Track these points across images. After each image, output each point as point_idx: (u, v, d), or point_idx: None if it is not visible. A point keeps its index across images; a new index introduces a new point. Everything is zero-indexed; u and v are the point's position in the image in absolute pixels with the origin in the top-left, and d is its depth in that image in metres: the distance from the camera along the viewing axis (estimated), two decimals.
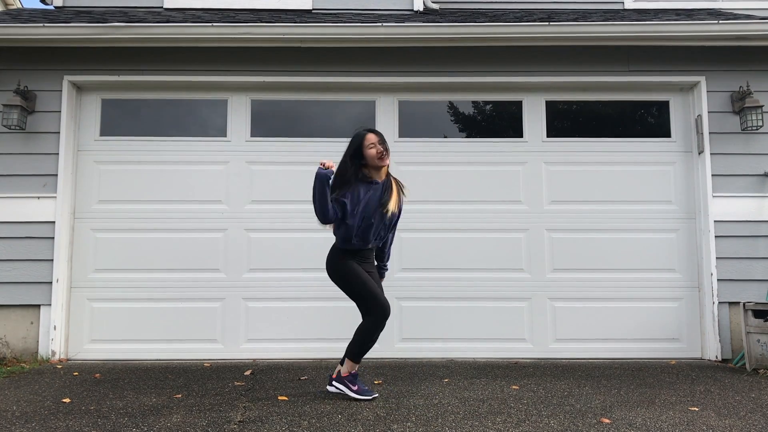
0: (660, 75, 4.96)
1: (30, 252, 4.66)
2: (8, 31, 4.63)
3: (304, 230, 4.86)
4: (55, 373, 4.10)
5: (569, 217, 4.92)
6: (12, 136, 4.76)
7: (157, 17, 5.11)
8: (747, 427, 2.76)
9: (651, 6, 5.97)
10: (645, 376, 4.00)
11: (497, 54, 4.94)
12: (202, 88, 5.00)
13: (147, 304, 4.78)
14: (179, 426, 2.73)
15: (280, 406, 3.08)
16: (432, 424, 2.74)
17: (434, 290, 4.79)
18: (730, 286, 4.71)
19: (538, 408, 3.07)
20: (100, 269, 4.81)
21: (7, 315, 4.65)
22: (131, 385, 3.67)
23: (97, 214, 4.87)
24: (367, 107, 5.07)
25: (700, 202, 4.85)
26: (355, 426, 2.71)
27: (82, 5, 5.64)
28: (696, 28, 4.72)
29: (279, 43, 4.78)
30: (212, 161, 4.95)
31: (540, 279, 4.87)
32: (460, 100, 5.13)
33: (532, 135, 5.03)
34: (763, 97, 4.76)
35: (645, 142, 5.02)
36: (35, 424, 2.79)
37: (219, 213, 4.89)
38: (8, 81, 4.75)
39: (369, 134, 3.30)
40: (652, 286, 4.85)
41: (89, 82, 4.93)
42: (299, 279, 4.83)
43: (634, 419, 2.86)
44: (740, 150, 4.83)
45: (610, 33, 4.72)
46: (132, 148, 4.94)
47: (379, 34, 4.72)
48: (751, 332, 4.24)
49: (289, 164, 4.95)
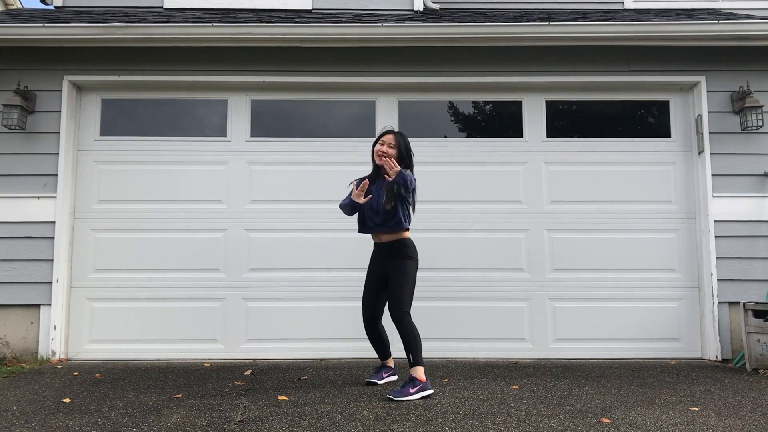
0: (660, 75, 4.96)
1: (30, 252, 4.66)
2: (8, 31, 4.63)
3: (304, 230, 4.87)
4: (55, 373, 4.10)
5: (569, 217, 4.92)
6: (12, 136, 4.76)
7: (157, 17, 5.11)
8: (747, 427, 2.76)
9: (651, 6, 5.98)
10: (645, 376, 4.00)
11: (497, 54, 4.94)
12: (202, 88, 5.00)
13: (147, 304, 4.78)
14: (179, 426, 2.73)
15: (280, 406, 3.08)
16: (432, 424, 2.74)
17: (434, 290, 4.78)
18: (730, 286, 4.71)
19: (538, 408, 3.07)
20: (100, 269, 4.81)
21: (7, 315, 4.65)
22: (131, 385, 3.67)
23: (97, 214, 4.87)
24: (367, 107, 5.07)
25: (700, 202, 4.85)
26: (355, 426, 2.71)
27: (82, 5, 5.65)
28: (696, 28, 4.72)
29: (279, 43, 4.78)
30: (212, 161, 4.95)
31: (540, 279, 4.87)
32: (460, 100, 5.13)
33: (532, 135, 5.03)
34: (763, 97, 4.76)
35: (645, 142, 5.02)
36: (35, 424, 2.79)
37: (219, 213, 4.89)
38: (8, 81, 4.75)
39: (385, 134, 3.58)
40: (652, 286, 4.85)
41: (89, 82, 4.93)
42: (299, 279, 4.83)
43: (634, 419, 2.86)
44: (740, 150, 4.83)
45: (610, 33, 4.72)
46: (132, 148, 4.94)
47: (379, 34, 4.72)
48: (751, 332, 4.25)
49: (289, 164, 4.96)
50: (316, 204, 4.89)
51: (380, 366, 3.73)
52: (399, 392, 3.21)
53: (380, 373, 3.68)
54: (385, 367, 3.72)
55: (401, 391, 3.21)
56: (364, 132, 4.97)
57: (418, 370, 3.28)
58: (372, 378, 3.65)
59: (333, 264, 4.83)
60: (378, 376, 3.65)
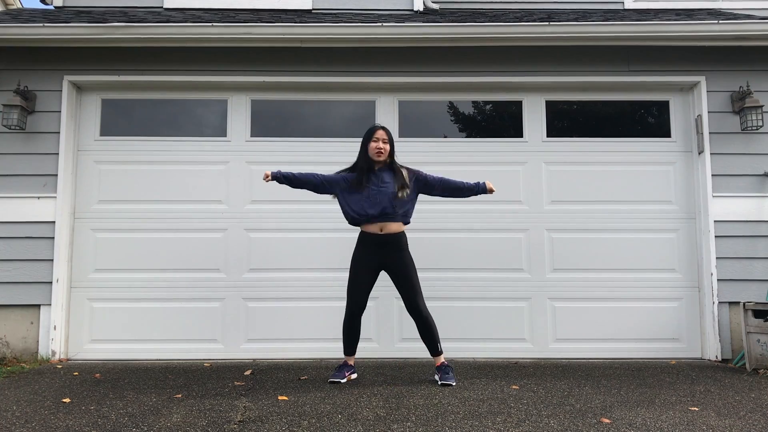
0: (660, 75, 4.96)
1: (30, 252, 4.66)
2: (8, 31, 4.63)
3: (304, 230, 4.87)
4: (55, 373, 4.10)
5: (569, 217, 4.92)
6: (12, 136, 4.76)
7: (157, 17, 5.11)
8: (747, 427, 2.76)
9: (651, 6, 5.98)
10: (645, 376, 4.00)
11: (497, 54, 4.94)
12: (202, 88, 5.00)
13: (147, 304, 4.78)
14: (179, 426, 2.73)
15: (280, 406, 3.08)
16: (432, 424, 2.74)
17: (434, 290, 4.77)
18: (730, 286, 4.71)
19: (538, 408, 3.07)
20: (100, 269, 4.81)
21: (7, 315, 4.65)
22: (131, 385, 3.67)
23: (97, 214, 4.87)
24: (367, 107, 5.07)
25: (700, 202, 4.85)
26: (355, 426, 2.71)
27: (82, 5, 5.65)
28: (696, 28, 4.72)
29: (279, 43, 4.78)
30: (212, 161, 4.95)
31: (540, 279, 4.87)
32: (460, 100, 5.13)
33: (532, 135, 5.03)
34: (763, 97, 4.76)
35: (645, 142, 5.02)
36: (35, 424, 2.79)
37: (219, 213, 4.89)
38: (8, 81, 4.75)
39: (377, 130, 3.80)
40: (652, 286, 4.85)
41: (89, 82, 4.94)
42: (299, 279, 4.83)
43: (634, 419, 2.86)
44: (740, 150, 4.83)
45: (610, 33, 4.72)
46: (132, 148, 4.94)
47: (379, 34, 4.72)
48: (751, 332, 4.25)
49: (289, 164, 4.92)
50: (317, 204, 4.88)
51: (343, 364, 3.76)
52: (451, 377, 3.59)
53: (343, 371, 3.71)
54: (347, 365, 3.75)
55: (452, 377, 3.60)
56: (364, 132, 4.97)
57: (443, 358, 3.69)
58: (335, 378, 3.67)
59: (333, 264, 4.82)
60: (341, 375, 3.68)
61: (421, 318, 3.62)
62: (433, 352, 3.67)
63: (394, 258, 3.65)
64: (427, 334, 3.64)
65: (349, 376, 3.74)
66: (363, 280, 3.69)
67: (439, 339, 3.67)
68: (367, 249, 3.70)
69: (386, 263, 3.67)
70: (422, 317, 3.62)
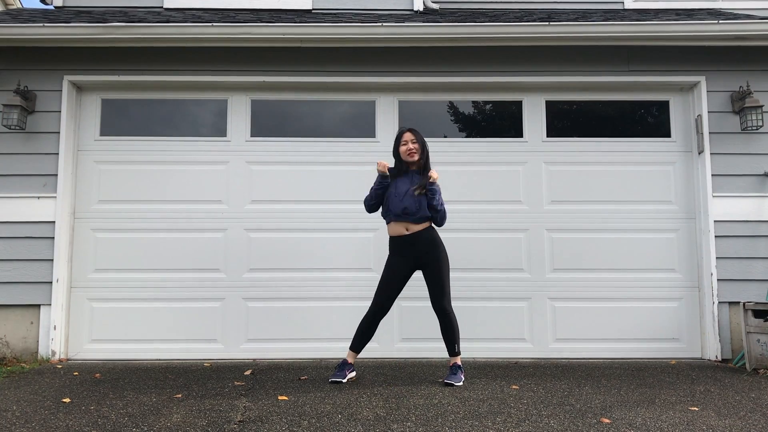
0: (660, 75, 4.96)
1: (30, 252, 4.66)
2: (8, 31, 4.63)
3: (305, 230, 4.87)
4: (55, 373, 4.10)
5: (569, 217, 4.92)
6: (12, 136, 4.76)
7: (157, 17, 5.11)
8: (747, 427, 2.76)
9: (651, 6, 5.98)
10: (645, 376, 4.00)
11: (497, 54, 4.94)
12: (202, 88, 5.00)
13: (147, 304, 4.78)
14: (179, 426, 2.73)
15: (280, 406, 3.08)
16: (432, 424, 2.74)
17: None
18: (730, 286, 4.71)
19: (538, 408, 3.07)
20: (100, 269, 4.81)
21: (7, 315, 4.65)
22: (131, 385, 3.67)
23: (97, 214, 4.87)
24: (367, 107, 5.07)
25: (700, 202, 4.85)
26: (355, 426, 2.71)
27: (82, 5, 5.65)
28: (696, 28, 4.72)
29: (279, 43, 4.78)
30: (212, 161, 4.95)
31: (540, 279, 4.87)
32: (460, 100, 5.13)
33: (532, 135, 5.03)
34: (763, 97, 4.75)
35: (645, 142, 5.02)
36: (35, 424, 2.79)
37: (219, 213, 4.89)
38: (8, 81, 4.75)
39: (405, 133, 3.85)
40: (652, 286, 4.85)
41: (89, 82, 4.93)
42: (299, 279, 4.83)
43: (634, 419, 2.86)
44: (740, 150, 4.83)
45: (610, 33, 4.72)
46: (132, 148, 4.94)
47: (379, 34, 4.72)
48: (751, 332, 4.25)
49: (289, 164, 4.96)
50: (317, 204, 4.90)
51: (343, 362, 3.75)
52: (457, 378, 3.63)
53: (343, 371, 3.71)
54: (347, 363, 3.75)
55: (458, 377, 3.63)
56: (364, 132, 4.99)
57: (459, 359, 3.73)
58: (336, 377, 3.67)
59: (333, 264, 4.83)
60: (342, 375, 3.69)
61: (445, 317, 3.69)
62: (450, 351, 3.71)
63: (428, 256, 3.71)
64: (448, 333, 3.69)
65: (349, 374, 3.74)
66: (393, 282, 3.73)
67: (459, 340, 3.71)
68: (398, 251, 3.75)
69: (420, 264, 3.74)
70: (447, 316, 3.69)
